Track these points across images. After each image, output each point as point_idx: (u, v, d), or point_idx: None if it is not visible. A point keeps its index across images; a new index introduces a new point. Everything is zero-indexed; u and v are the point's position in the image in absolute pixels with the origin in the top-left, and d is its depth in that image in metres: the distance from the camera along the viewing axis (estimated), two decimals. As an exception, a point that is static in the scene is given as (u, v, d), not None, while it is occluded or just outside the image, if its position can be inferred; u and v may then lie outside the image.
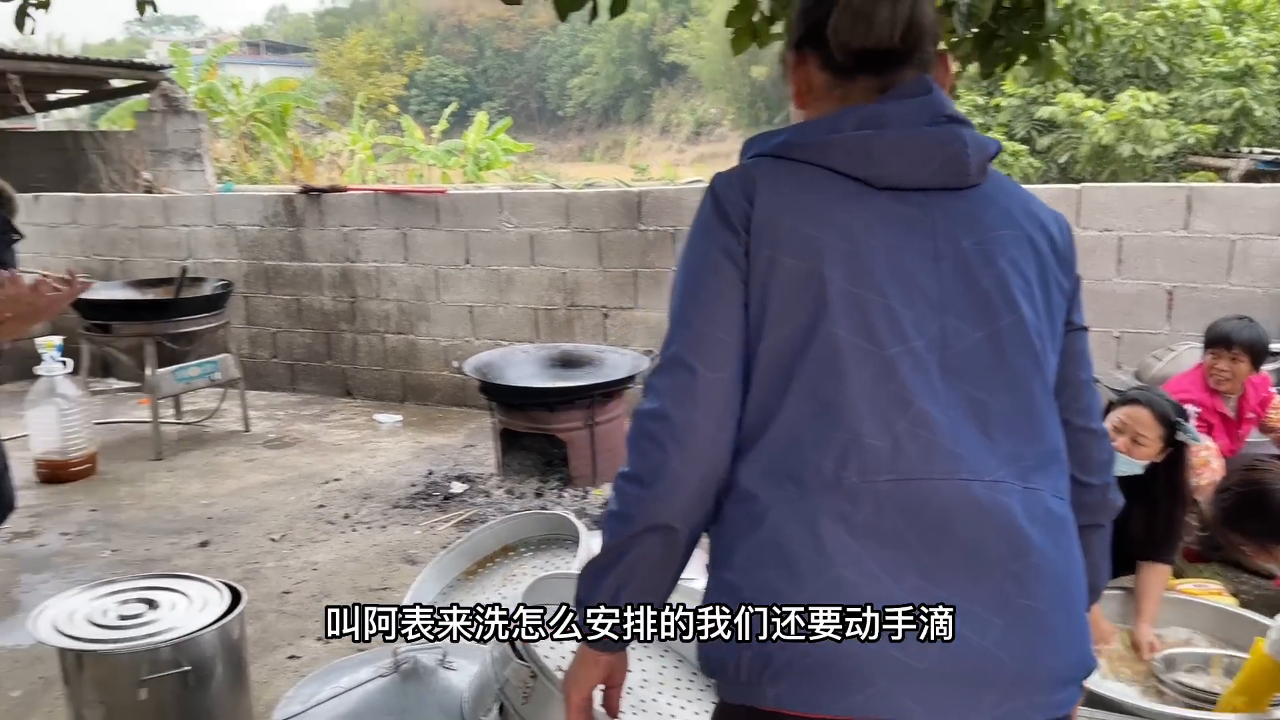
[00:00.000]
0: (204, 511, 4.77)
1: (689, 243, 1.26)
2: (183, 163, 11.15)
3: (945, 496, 1.11)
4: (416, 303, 6.64)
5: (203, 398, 6.66)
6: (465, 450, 5.68)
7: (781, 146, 1.25)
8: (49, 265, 7.67)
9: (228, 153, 20.17)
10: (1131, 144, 10.63)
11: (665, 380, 1.20)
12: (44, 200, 7.81)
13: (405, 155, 22.26)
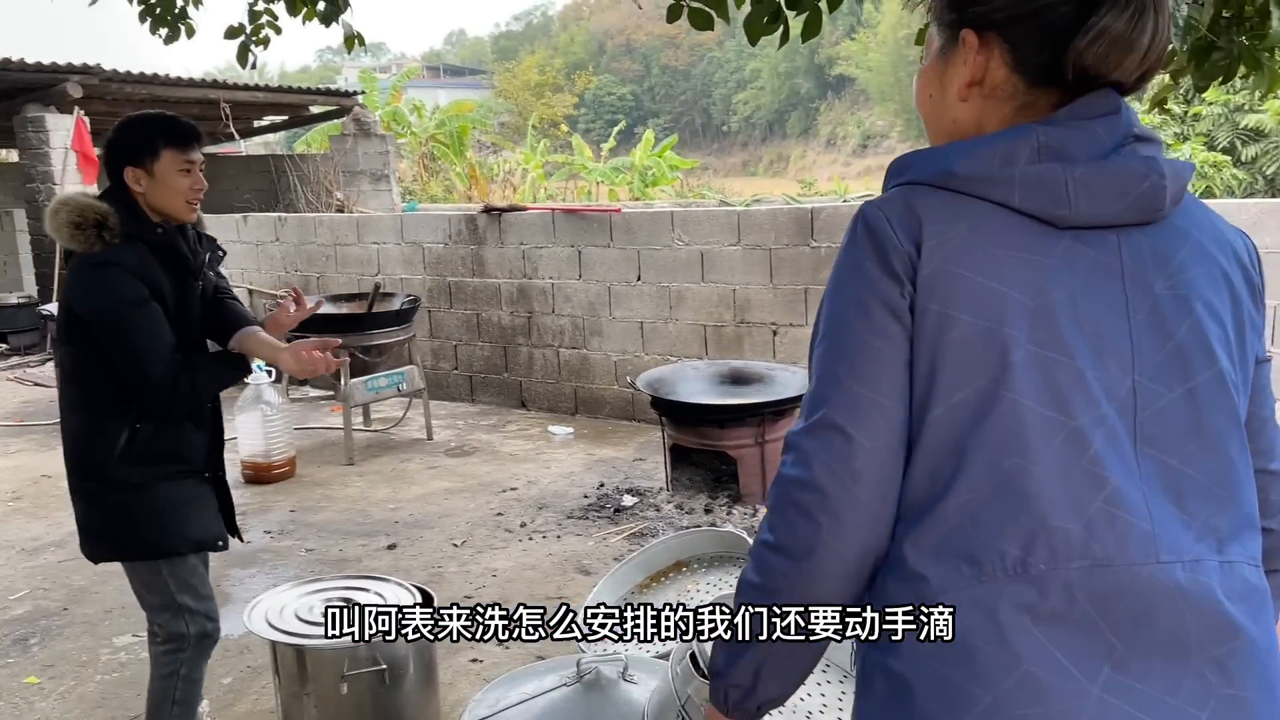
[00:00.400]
0: (391, 515, 5.02)
1: (838, 284, 1.10)
2: (371, 183, 11.82)
3: (1143, 583, 1.00)
4: (589, 318, 6.80)
5: (389, 406, 7.02)
6: (635, 464, 5.77)
7: (946, 177, 1.08)
8: (255, 280, 8.30)
9: (410, 172, 21.23)
10: (1351, 153, 9.79)
11: (816, 446, 1.06)
12: (251, 220, 8.42)
13: (574, 173, 22.83)
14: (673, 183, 22.38)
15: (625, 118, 40.65)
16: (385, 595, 2.92)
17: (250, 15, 3.94)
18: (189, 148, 2.51)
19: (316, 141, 18.95)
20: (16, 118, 9.55)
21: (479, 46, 78.88)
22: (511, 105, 40.98)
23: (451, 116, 21.37)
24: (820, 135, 51.67)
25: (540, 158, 21.99)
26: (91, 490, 2.54)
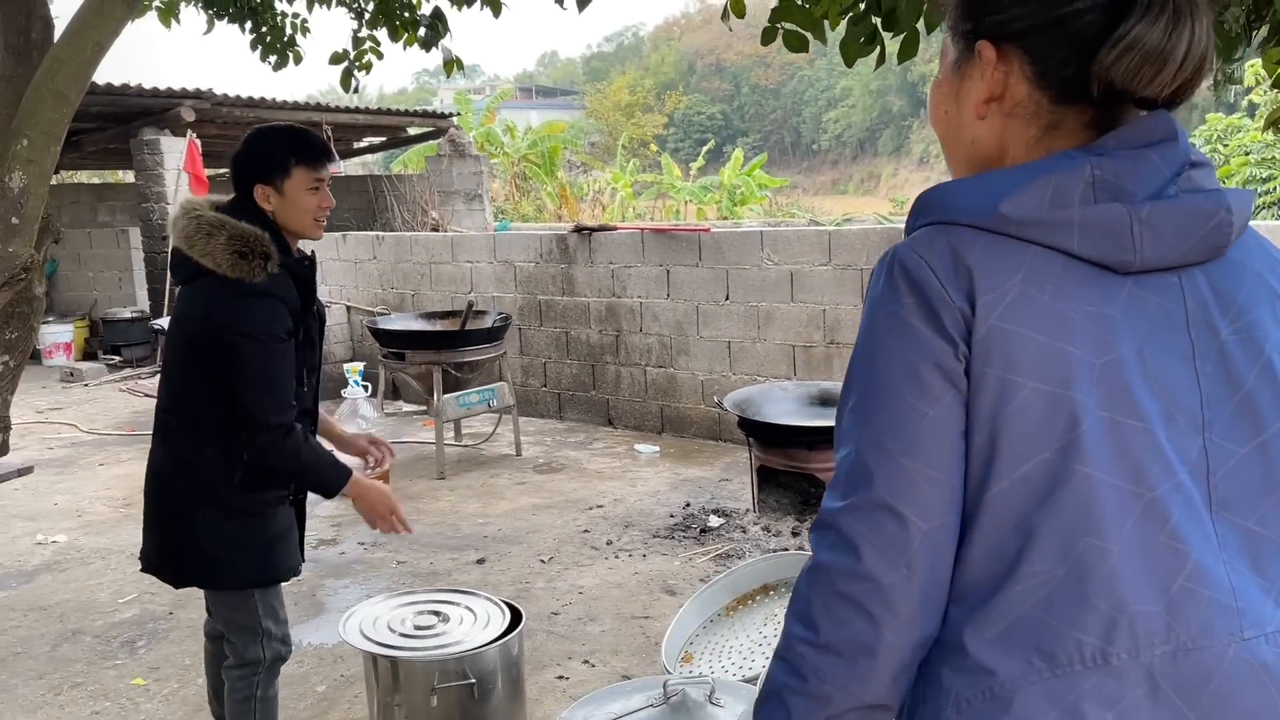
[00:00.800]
0: (480, 530, 5.10)
1: (877, 341, 0.97)
2: (465, 202, 12.07)
3: (1230, 664, 0.92)
4: (677, 337, 6.82)
5: (480, 422, 7.14)
6: (721, 484, 5.75)
7: (992, 218, 0.96)
8: (352, 297, 8.54)
9: (502, 192, 21.63)
10: None
11: (864, 529, 0.95)
12: (350, 238, 8.68)
13: (663, 192, 22.96)
14: (761, 201, 22.33)
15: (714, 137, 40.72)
16: (474, 610, 2.97)
17: (354, 42, 4.09)
18: (320, 165, 2.47)
19: (413, 162, 19.45)
20: (133, 140, 10.03)
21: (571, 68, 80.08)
22: (602, 125, 41.46)
23: (543, 137, 21.71)
24: (913, 153, 51.02)
25: (629, 177, 22.16)
26: (205, 515, 2.48)
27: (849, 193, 48.54)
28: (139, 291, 11.18)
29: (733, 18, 3.33)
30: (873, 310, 1.00)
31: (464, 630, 2.86)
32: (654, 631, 3.79)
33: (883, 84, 51.32)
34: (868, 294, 1.02)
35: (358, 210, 13.50)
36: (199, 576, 2.58)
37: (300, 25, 4.14)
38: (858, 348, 1.01)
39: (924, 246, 0.97)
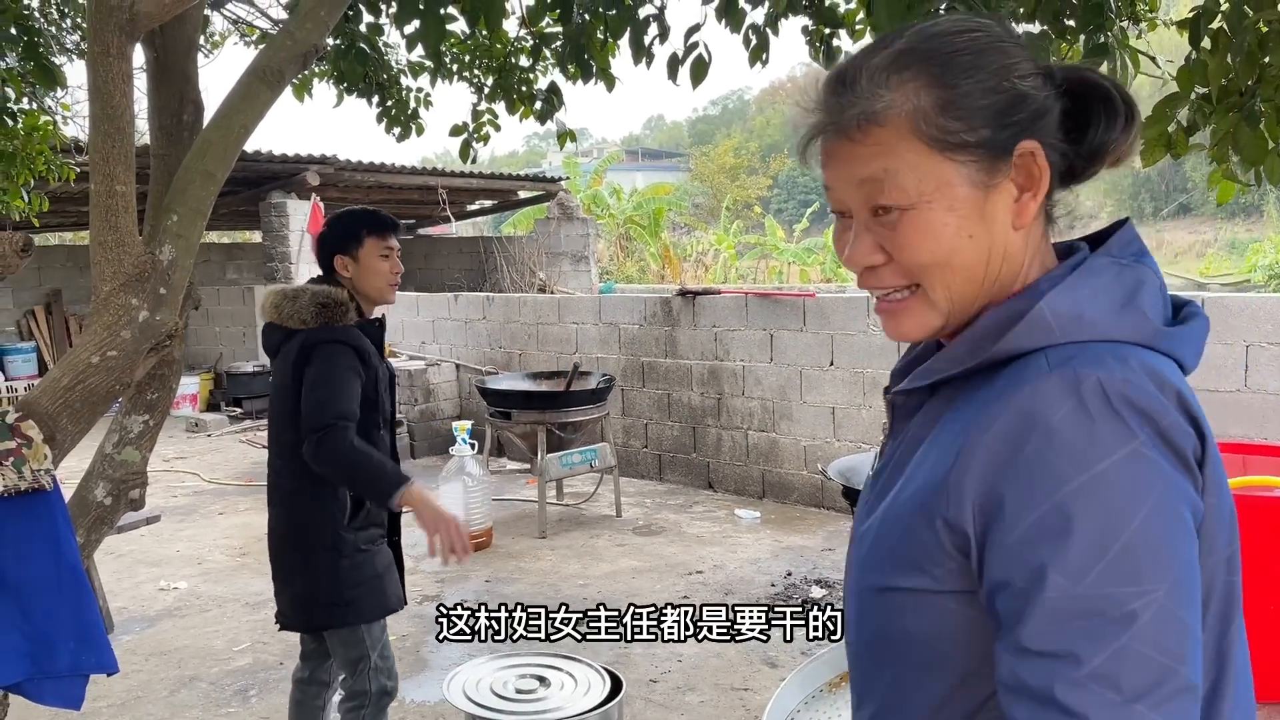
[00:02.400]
0: (580, 591, 5.11)
1: (1122, 489, 0.79)
2: (571, 263, 12.32)
3: None
4: (780, 402, 6.78)
5: (581, 481, 7.20)
6: (824, 553, 5.65)
7: (1154, 334, 0.88)
8: (461, 355, 8.76)
9: (607, 253, 21.99)
10: None
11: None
12: (461, 299, 8.93)
13: (766, 253, 23.00)
14: (866, 263, 22.12)
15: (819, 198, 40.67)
16: (575, 676, 2.97)
17: (473, 115, 4.26)
18: (388, 235, 2.77)
19: (522, 223, 19.97)
20: (262, 203, 10.59)
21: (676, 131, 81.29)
22: (707, 187, 41.88)
23: (648, 199, 22.06)
24: (1022, 216, 49.98)
25: (733, 238, 22.30)
26: (323, 559, 2.70)
27: (956, 255, 47.69)
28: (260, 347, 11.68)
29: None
30: (1093, 456, 0.80)
31: (564, 696, 2.87)
32: (754, 705, 3.73)
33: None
34: (1046, 438, 0.81)
35: (468, 271, 13.91)
36: (328, 618, 2.78)
37: (424, 99, 4.34)
38: (1091, 500, 0.79)
39: (1124, 368, 0.82)
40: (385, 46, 4.12)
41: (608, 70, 3.71)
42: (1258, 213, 37.80)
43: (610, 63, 3.73)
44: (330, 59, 3.90)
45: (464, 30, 3.89)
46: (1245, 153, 2.15)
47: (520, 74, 4.09)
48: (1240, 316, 4.94)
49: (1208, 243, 37.71)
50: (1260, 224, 35.72)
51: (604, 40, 3.42)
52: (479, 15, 3.34)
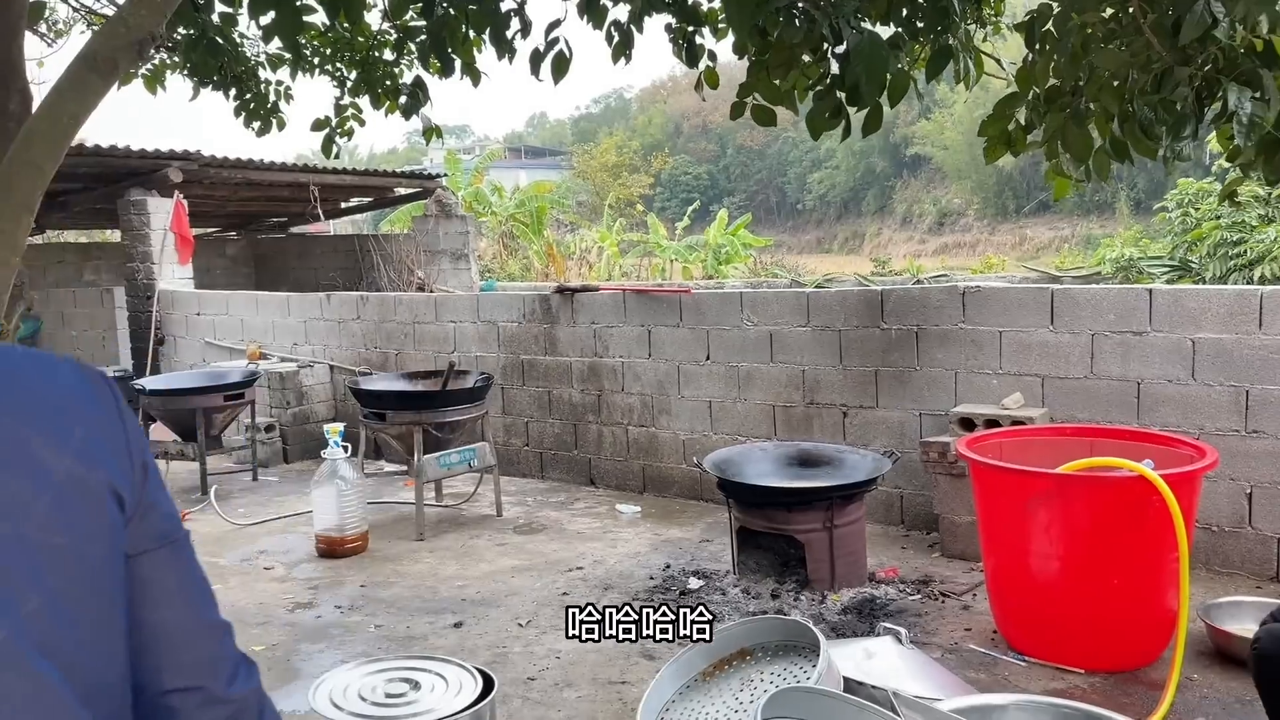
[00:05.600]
0: (459, 593, 5.06)
1: None
2: (451, 262, 12.15)
3: None
4: (658, 397, 6.84)
5: (461, 482, 7.11)
6: (702, 545, 5.73)
7: None
8: (336, 356, 8.55)
9: (489, 251, 21.78)
10: None
11: None
12: (334, 298, 8.71)
13: (649, 251, 23.18)
14: (746, 260, 22.54)
15: (700, 197, 41.22)
16: (446, 677, 2.94)
17: (336, 109, 4.16)
18: None
19: (401, 221, 19.61)
20: (120, 200, 10.10)
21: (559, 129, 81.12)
22: (589, 185, 41.92)
23: (530, 197, 21.96)
24: (896, 213, 51.63)
25: (616, 236, 22.39)
26: None
27: (833, 251, 48.98)
28: (122, 350, 11.16)
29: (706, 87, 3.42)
30: None
31: (435, 698, 2.83)
32: (631, 697, 3.76)
33: (866, 145, 52.06)
34: None
35: (345, 270, 13.56)
36: None
37: (284, 92, 4.21)
38: None
39: None
40: (241, 38, 3.99)
41: (473, 65, 3.68)
42: (1111, 210, 39.99)
43: (476, 58, 3.69)
44: (181, 50, 3.75)
45: (324, 22, 3.79)
46: (1073, 150, 2.27)
47: (384, 68, 4.01)
48: (1086, 307, 5.21)
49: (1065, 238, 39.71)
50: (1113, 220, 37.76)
51: (467, 35, 3.38)
52: (339, 7, 3.26)
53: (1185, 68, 2.01)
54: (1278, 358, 4.70)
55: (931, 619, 4.49)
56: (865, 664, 3.48)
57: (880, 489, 5.76)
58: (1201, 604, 4.23)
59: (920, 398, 5.77)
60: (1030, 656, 4.02)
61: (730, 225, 22.77)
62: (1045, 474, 4.02)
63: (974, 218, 46.98)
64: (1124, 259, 13.17)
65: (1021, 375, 5.41)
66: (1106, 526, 3.80)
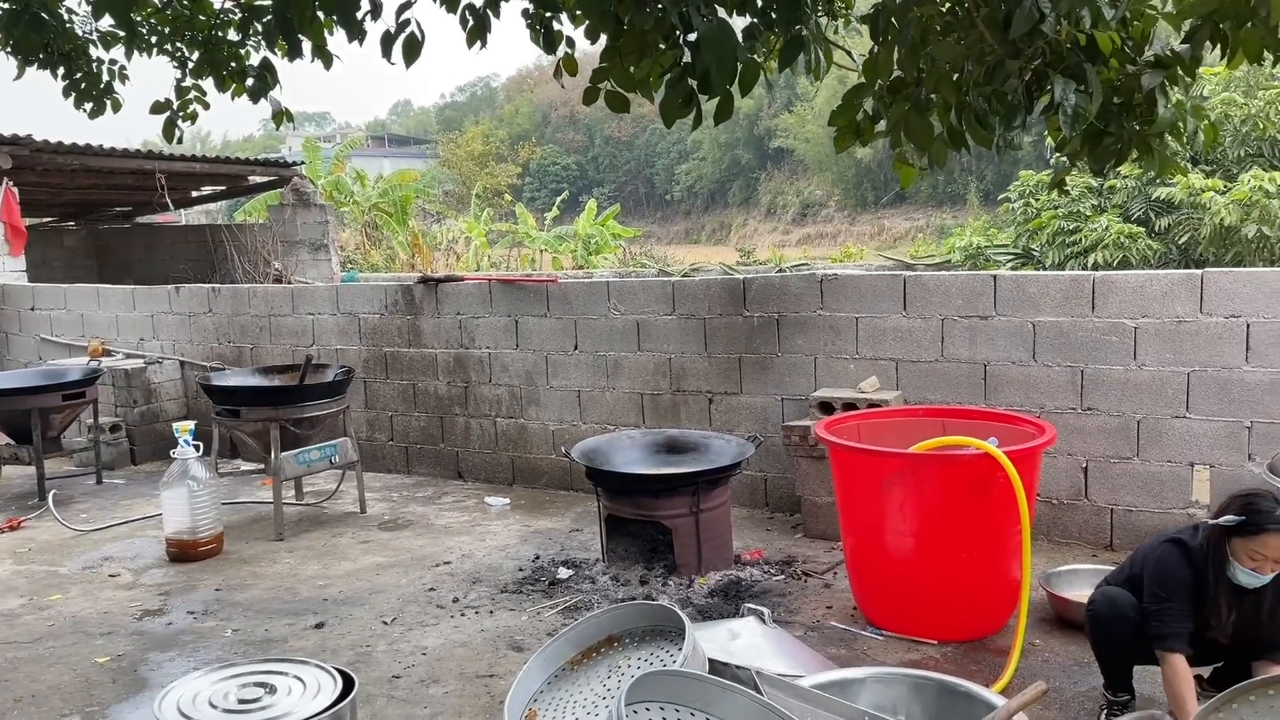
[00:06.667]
0: (320, 593, 4.91)
1: None
2: (310, 253, 11.76)
3: None
4: (527, 388, 6.79)
5: (322, 479, 6.90)
6: (572, 535, 5.72)
7: None
8: (186, 352, 8.17)
9: (352, 241, 21.19)
10: (1256, 225, 10.23)
11: None
12: (183, 291, 8.31)
13: (518, 241, 22.98)
14: (615, 251, 22.60)
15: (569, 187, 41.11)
16: (304, 679, 2.85)
17: (177, 91, 3.95)
18: None
19: (258, 211, 18.85)
20: (-57, 188, 9.37)
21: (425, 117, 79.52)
22: (456, 175, 41.27)
23: (394, 186, 21.44)
24: (761, 204, 52.67)
25: (483, 226, 22.10)
26: None
27: (702, 242, 49.64)
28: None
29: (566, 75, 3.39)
30: None
31: (292, 702, 2.74)
32: (499, 690, 3.72)
33: (731, 137, 52.96)
34: None
35: (196, 262, 12.95)
36: None
37: (119, 73, 3.97)
38: None
39: None
40: (70, 13, 3.74)
41: (324, 48, 3.55)
42: (963, 201, 41.81)
43: (327, 39, 3.57)
44: (2, 25, 3.49)
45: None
46: (915, 139, 2.36)
47: (229, 49, 3.83)
48: (936, 293, 5.43)
49: (921, 228, 41.33)
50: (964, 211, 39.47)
51: (315, 15, 3.26)
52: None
53: (1015, 60, 2.12)
54: (1109, 339, 5.00)
55: (795, 598, 4.61)
56: (730, 645, 3.55)
57: (745, 473, 5.87)
58: (1043, 573, 4.47)
59: (782, 383, 5.91)
60: (887, 630, 4.17)
61: (599, 216, 22.79)
62: (898, 454, 4.17)
63: (835, 209, 48.38)
64: (972, 247, 13.79)
65: (877, 359, 5.60)
66: (956, 502, 3.97)
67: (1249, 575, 2.97)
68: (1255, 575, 2.97)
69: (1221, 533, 3.00)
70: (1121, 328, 4.98)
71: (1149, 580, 3.13)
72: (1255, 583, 2.99)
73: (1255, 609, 3.04)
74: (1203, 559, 3.07)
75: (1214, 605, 3.04)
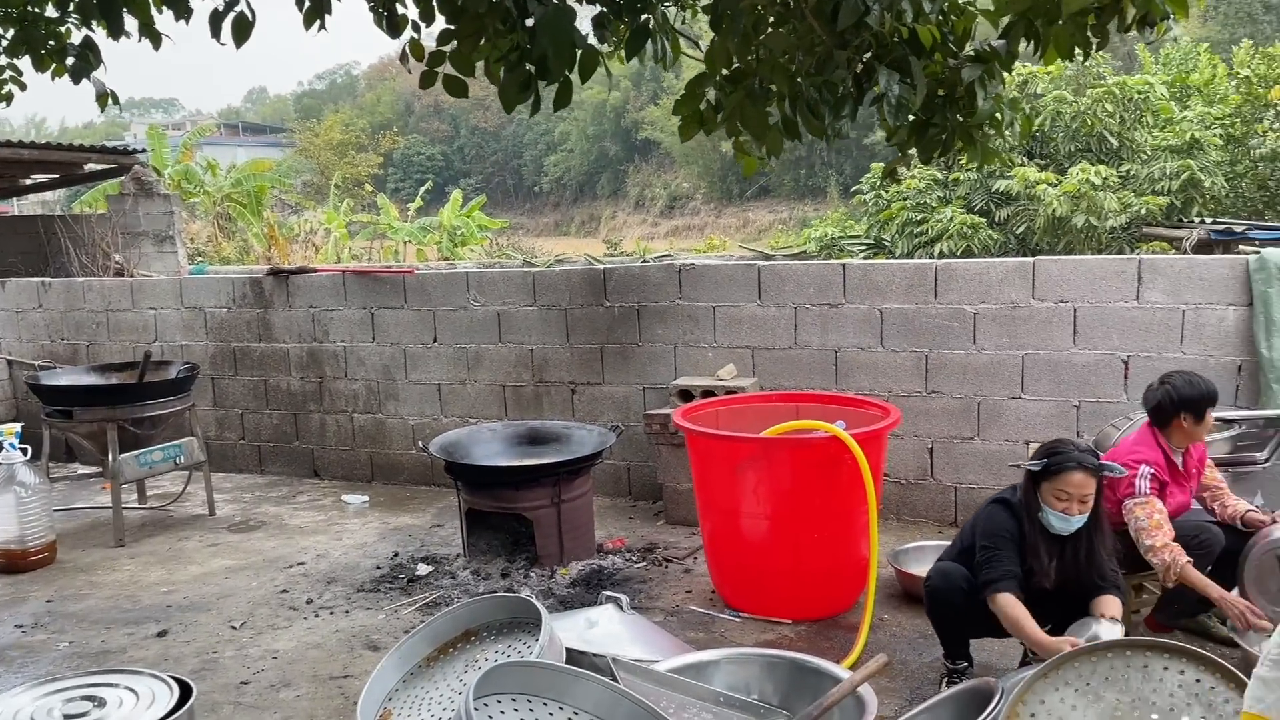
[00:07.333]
0: (164, 600, 4.68)
1: None
2: (154, 245, 11.18)
3: None
4: (385, 382, 6.64)
5: (168, 482, 6.59)
6: (432, 530, 5.63)
7: None
8: (14, 350, 7.66)
9: (203, 233, 20.25)
10: (1085, 215, 10.88)
11: None
12: (10, 285, 7.79)
13: (380, 233, 22.42)
14: (482, 242, 22.32)
15: (435, 178, 40.41)
16: (137, 690, 2.71)
17: (-10, 70, 3.69)
18: None
19: (98, 202, 17.81)
20: None
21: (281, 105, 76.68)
22: (314, 164, 39.95)
23: (248, 175, 20.59)
24: (629, 196, 52.92)
25: (343, 218, 21.45)
26: None
27: (571, 234, 49.53)
28: None
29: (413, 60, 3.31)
30: None
31: (123, 714, 2.60)
32: (353, 691, 3.63)
33: (599, 129, 53.00)
34: None
35: (27, 254, 12.10)
36: None
37: (-79, 48, 3.67)
38: None
39: None
40: None
41: (152, 26, 3.37)
42: (824, 194, 43.02)
43: (155, 18, 3.39)
44: None
45: (-32, -30, 3.34)
46: (750, 128, 2.41)
47: (47, 26, 3.59)
48: (790, 282, 5.57)
49: (784, 220, 42.31)
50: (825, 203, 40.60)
51: (139, -9, 3.09)
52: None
53: (843, 51, 2.19)
54: (951, 324, 5.23)
55: (655, 584, 4.66)
56: (587, 633, 3.55)
57: (608, 462, 5.90)
58: (891, 551, 4.64)
59: (644, 372, 5.95)
60: (744, 612, 4.26)
61: (464, 207, 22.45)
62: (751, 439, 4.26)
63: (702, 201, 49.04)
64: (827, 238, 14.22)
65: (734, 347, 5.70)
66: (806, 485, 4.08)
67: (1060, 519, 3.18)
68: (1065, 518, 3.17)
69: (1030, 480, 3.20)
70: (962, 314, 5.21)
71: (979, 538, 3.31)
72: (1066, 527, 3.19)
73: (1074, 555, 3.23)
74: (1022, 511, 3.26)
75: (1035, 552, 3.23)
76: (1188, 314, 4.83)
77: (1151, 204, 10.82)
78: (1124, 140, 12.23)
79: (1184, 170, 11.14)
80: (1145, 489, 3.52)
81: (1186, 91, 13.65)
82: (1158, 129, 12.29)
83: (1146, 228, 10.62)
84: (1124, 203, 10.86)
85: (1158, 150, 11.81)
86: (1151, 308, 4.88)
